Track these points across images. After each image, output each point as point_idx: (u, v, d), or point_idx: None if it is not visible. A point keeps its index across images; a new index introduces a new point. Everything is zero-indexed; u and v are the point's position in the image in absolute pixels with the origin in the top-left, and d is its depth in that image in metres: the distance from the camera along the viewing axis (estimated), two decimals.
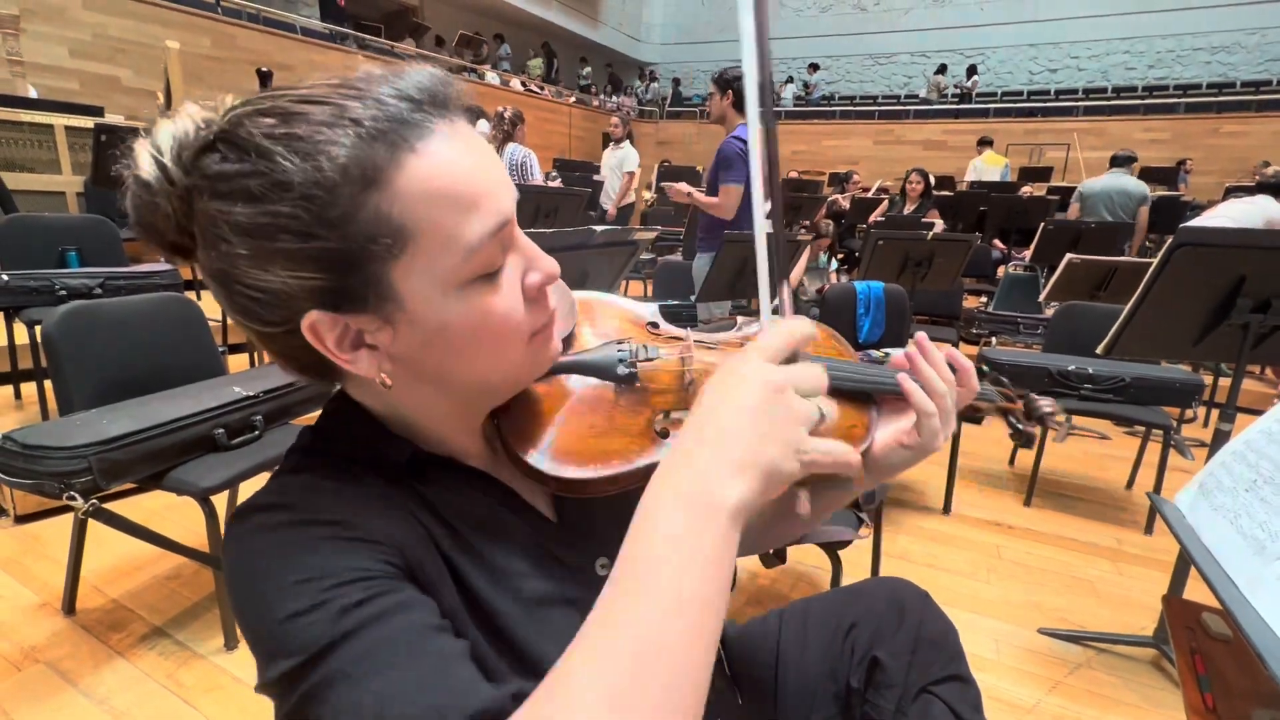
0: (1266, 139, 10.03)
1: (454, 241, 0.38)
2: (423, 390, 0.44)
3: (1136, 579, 1.93)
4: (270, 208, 0.36)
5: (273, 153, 0.35)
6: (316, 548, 0.37)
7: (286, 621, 0.35)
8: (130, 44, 6.52)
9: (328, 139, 0.36)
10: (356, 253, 0.37)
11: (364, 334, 0.40)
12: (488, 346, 0.41)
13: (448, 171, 0.38)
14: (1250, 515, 0.79)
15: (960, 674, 0.61)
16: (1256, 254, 1.32)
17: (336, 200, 0.36)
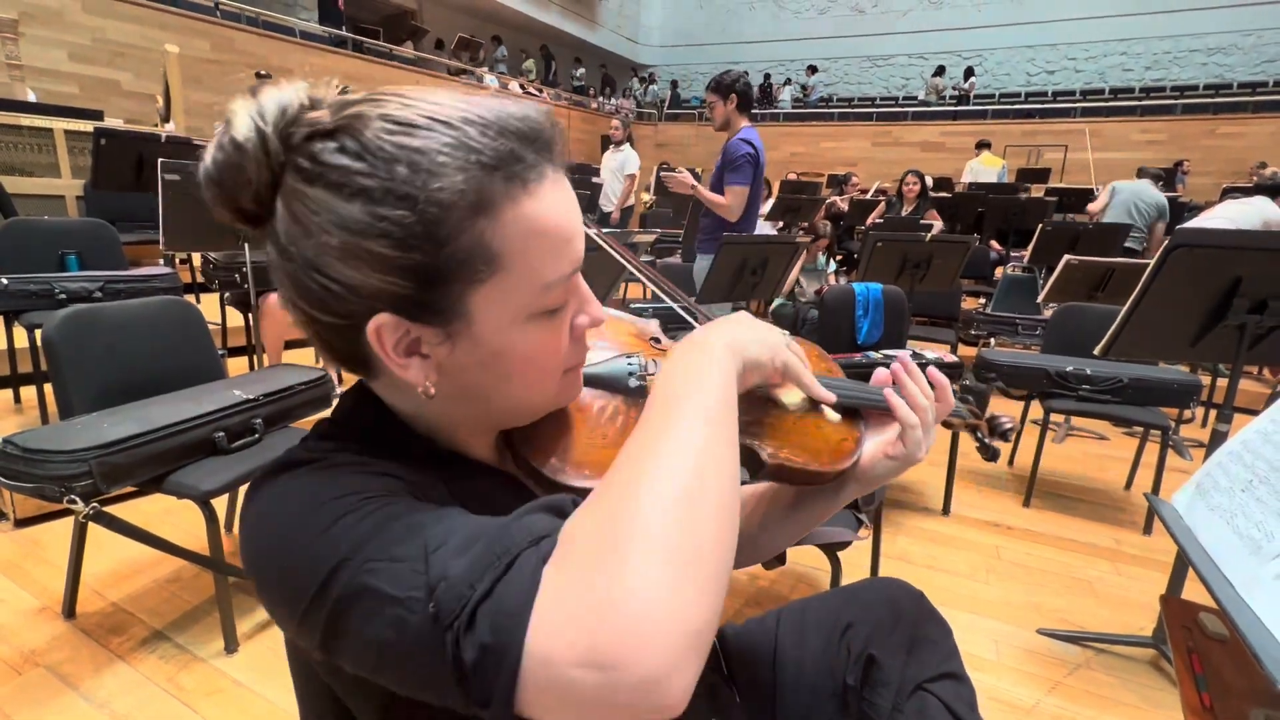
0: (1263, 140, 10.06)
1: (536, 277, 0.40)
2: (456, 404, 0.45)
3: (1135, 579, 1.93)
4: (380, 211, 0.36)
5: (397, 161, 0.36)
6: (348, 475, 0.39)
7: (328, 530, 0.35)
8: (129, 48, 6.53)
9: (450, 163, 0.37)
10: (448, 270, 0.38)
11: (422, 343, 0.41)
12: (532, 376, 0.44)
13: (550, 215, 0.40)
14: (1246, 515, 0.80)
15: (955, 672, 0.61)
16: (1252, 255, 1.32)
17: (446, 221, 0.37)
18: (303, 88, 0.39)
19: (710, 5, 17.01)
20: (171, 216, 2.04)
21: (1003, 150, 10.39)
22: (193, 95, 6.41)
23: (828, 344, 2.57)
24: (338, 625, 0.35)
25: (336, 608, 0.34)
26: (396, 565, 0.34)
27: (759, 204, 3.03)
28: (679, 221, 5.56)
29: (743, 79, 2.84)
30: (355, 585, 0.34)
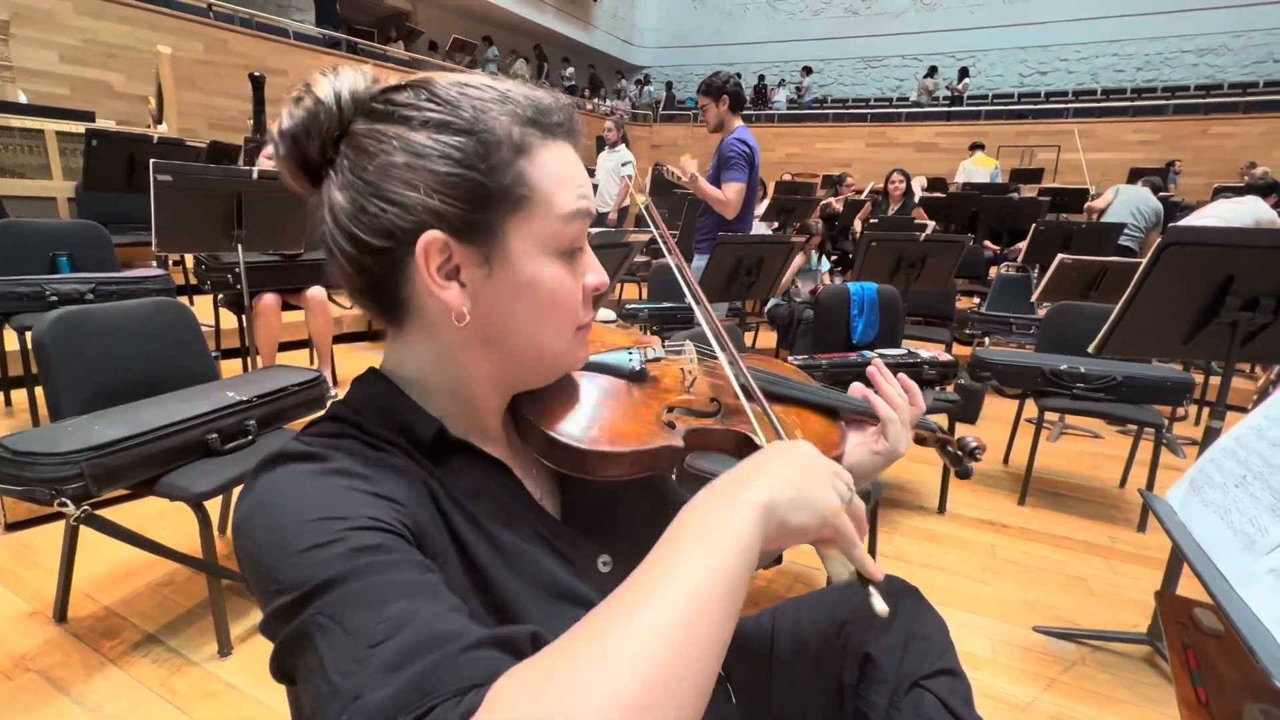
0: (1254, 140, 10.14)
1: (557, 209, 0.47)
2: (479, 348, 0.49)
3: (1130, 576, 1.94)
4: (443, 138, 0.44)
5: (459, 105, 0.45)
6: (339, 493, 0.40)
7: (304, 553, 0.37)
8: (121, 49, 6.50)
9: (499, 111, 0.45)
10: (493, 194, 0.45)
11: (461, 270, 0.46)
12: (552, 313, 0.48)
13: (566, 163, 0.48)
14: (1240, 511, 0.80)
15: (951, 668, 0.61)
16: (1244, 253, 1.33)
17: (495, 153, 0.44)
18: (372, 73, 0.47)
19: (704, 7, 17.04)
20: (164, 218, 2.03)
21: (996, 151, 10.45)
22: (186, 96, 6.39)
23: (823, 343, 2.58)
24: (287, 650, 0.37)
25: (292, 634, 0.36)
26: (344, 637, 0.34)
27: (755, 203, 3.04)
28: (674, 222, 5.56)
29: (733, 80, 2.85)
30: (307, 627, 0.35)
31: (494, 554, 0.46)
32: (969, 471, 0.73)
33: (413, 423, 0.48)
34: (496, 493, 0.50)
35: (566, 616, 0.42)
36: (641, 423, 0.54)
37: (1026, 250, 4.18)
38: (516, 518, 0.50)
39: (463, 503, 0.47)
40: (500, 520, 0.48)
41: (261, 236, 2.28)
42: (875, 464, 0.65)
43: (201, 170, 2.15)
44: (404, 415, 0.48)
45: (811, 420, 0.65)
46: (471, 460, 0.50)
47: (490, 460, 0.51)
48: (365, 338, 4.13)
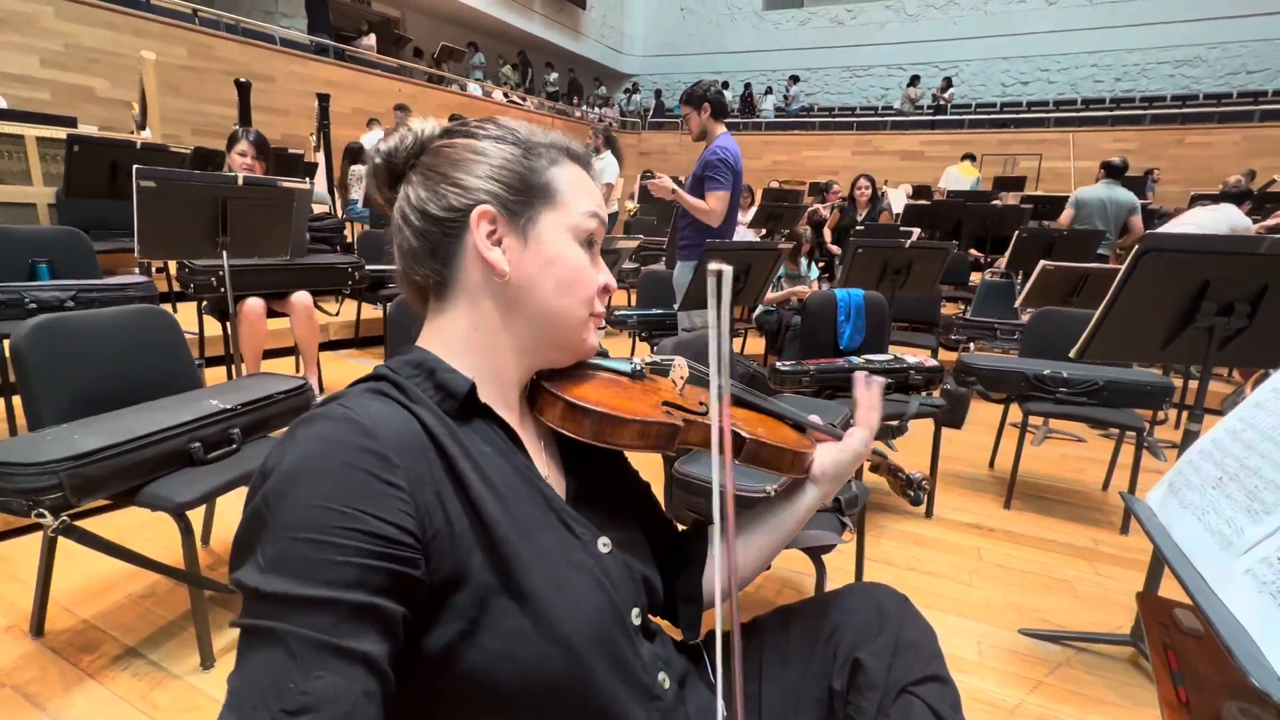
0: (1228, 149, 10.38)
1: (580, 206, 0.60)
2: (510, 314, 0.58)
3: (1113, 578, 1.97)
4: (501, 146, 0.59)
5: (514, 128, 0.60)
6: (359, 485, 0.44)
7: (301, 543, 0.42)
8: (104, 54, 6.43)
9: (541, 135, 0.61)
10: (533, 188, 0.58)
11: (503, 240, 0.57)
12: (569, 287, 0.58)
13: (586, 181, 0.62)
14: (1217, 512, 0.82)
15: (939, 674, 0.62)
16: (1219, 259, 1.36)
17: (537, 158, 0.59)
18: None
19: (693, 16, 17.19)
20: (147, 224, 2.00)
21: (980, 159, 10.60)
22: (170, 102, 6.33)
23: (810, 349, 2.60)
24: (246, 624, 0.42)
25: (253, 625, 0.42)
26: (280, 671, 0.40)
27: (738, 211, 3.05)
28: (663, 229, 5.58)
29: (714, 88, 2.86)
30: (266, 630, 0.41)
31: (504, 514, 0.51)
32: (919, 499, 0.82)
33: (448, 381, 0.55)
34: (511, 460, 0.56)
35: (572, 582, 0.52)
36: (646, 404, 0.62)
37: (1009, 257, 4.23)
38: (528, 486, 0.56)
39: (480, 464, 0.53)
40: (512, 486, 0.54)
41: (247, 243, 2.26)
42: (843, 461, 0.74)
43: (185, 176, 2.13)
44: (442, 375, 0.55)
45: (784, 429, 0.76)
46: (492, 426, 0.57)
47: (508, 429, 0.57)
48: (352, 345, 4.10)
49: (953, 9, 14.57)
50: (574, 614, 0.51)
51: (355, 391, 0.52)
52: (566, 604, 0.51)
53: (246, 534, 0.44)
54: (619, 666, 0.54)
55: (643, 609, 0.60)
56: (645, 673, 0.57)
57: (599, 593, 0.54)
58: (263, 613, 0.41)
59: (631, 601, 0.58)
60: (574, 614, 0.51)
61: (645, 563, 0.63)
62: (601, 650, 0.52)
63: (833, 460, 0.73)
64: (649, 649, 0.59)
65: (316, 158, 6.22)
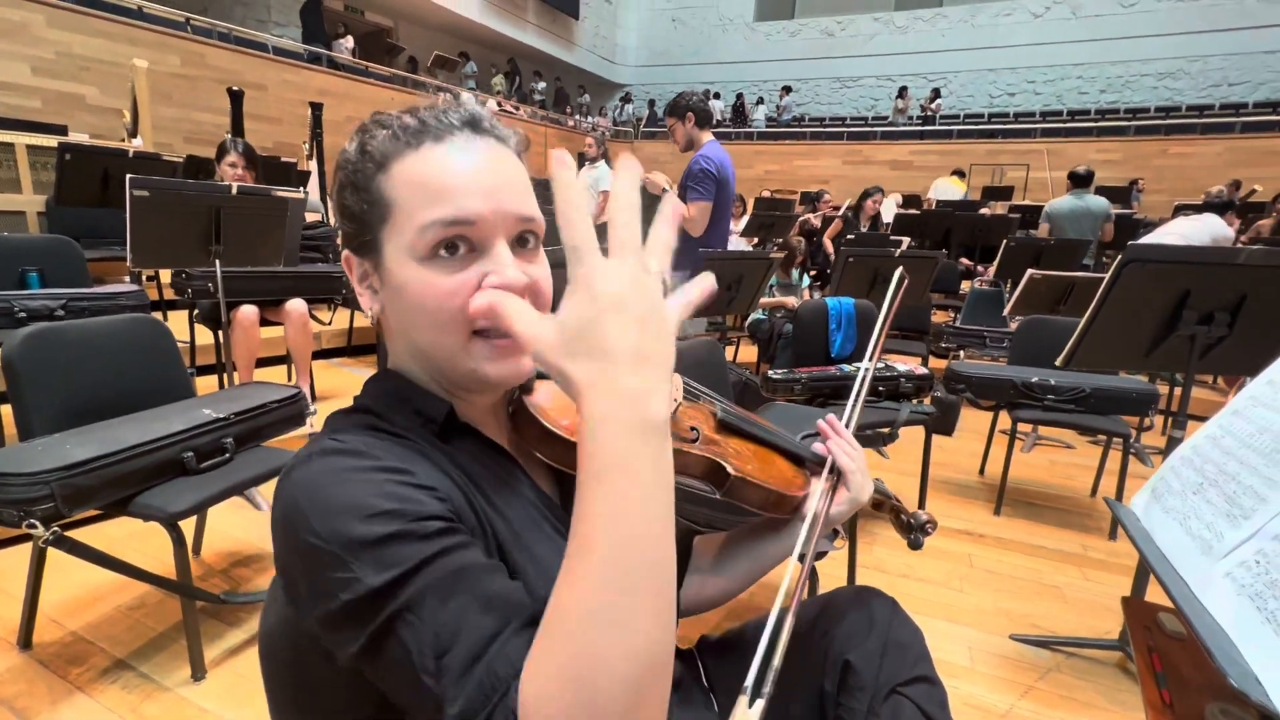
0: (1210, 159, 10.57)
1: (413, 219, 0.48)
2: (407, 345, 0.54)
3: (1102, 584, 1.99)
4: (343, 173, 0.53)
5: (351, 141, 0.53)
6: (391, 486, 0.43)
7: (377, 545, 0.40)
8: (95, 62, 6.41)
9: (380, 136, 0.51)
10: (366, 214, 0.51)
11: (369, 275, 0.53)
12: (428, 319, 0.50)
13: (430, 169, 0.49)
14: (1198, 517, 0.83)
15: (927, 675, 0.63)
16: (1199, 269, 1.39)
17: (364, 172, 0.51)
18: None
19: (685, 27, 17.35)
20: (140, 233, 2.00)
21: (968, 168, 10.74)
22: (162, 110, 6.32)
23: (802, 357, 2.62)
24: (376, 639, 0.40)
25: (380, 628, 0.40)
26: (424, 638, 0.39)
27: (727, 219, 3.07)
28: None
29: (696, 97, 2.88)
30: (394, 623, 0.39)
31: (507, 530, 0.50)
32: (919, 543, 0.79)
33: (425, 406, 0.53)
34: (502, 475, 0.54)
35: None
36: None
37: (998, 266, 4.29)
38: (521, 498, 0.54)
39: (477, 482, 0.51)
40: (507, 500, 0.53)
41: (240, 252, 2.26)
42: (843, 511, 0.71)
43: (179, 185, 2.13)
44: (418, 401, 0.53)
45: (778, 462, 0.71)
46: (478, 444, 0.54)
47: (494, 445, 0.56)
48: (345, 353, 4.09)
49: (940, 21, 14.79)
50: None
51: (344, 426, 0.51)
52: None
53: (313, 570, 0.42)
54: None
55: None
56: None
57: None
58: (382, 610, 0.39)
59: None
60: None
61: None
62: None
63: (834, 510, 0.71)
64: None
65: (309, 166, 6.22)
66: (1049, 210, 4.93)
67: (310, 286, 2.81)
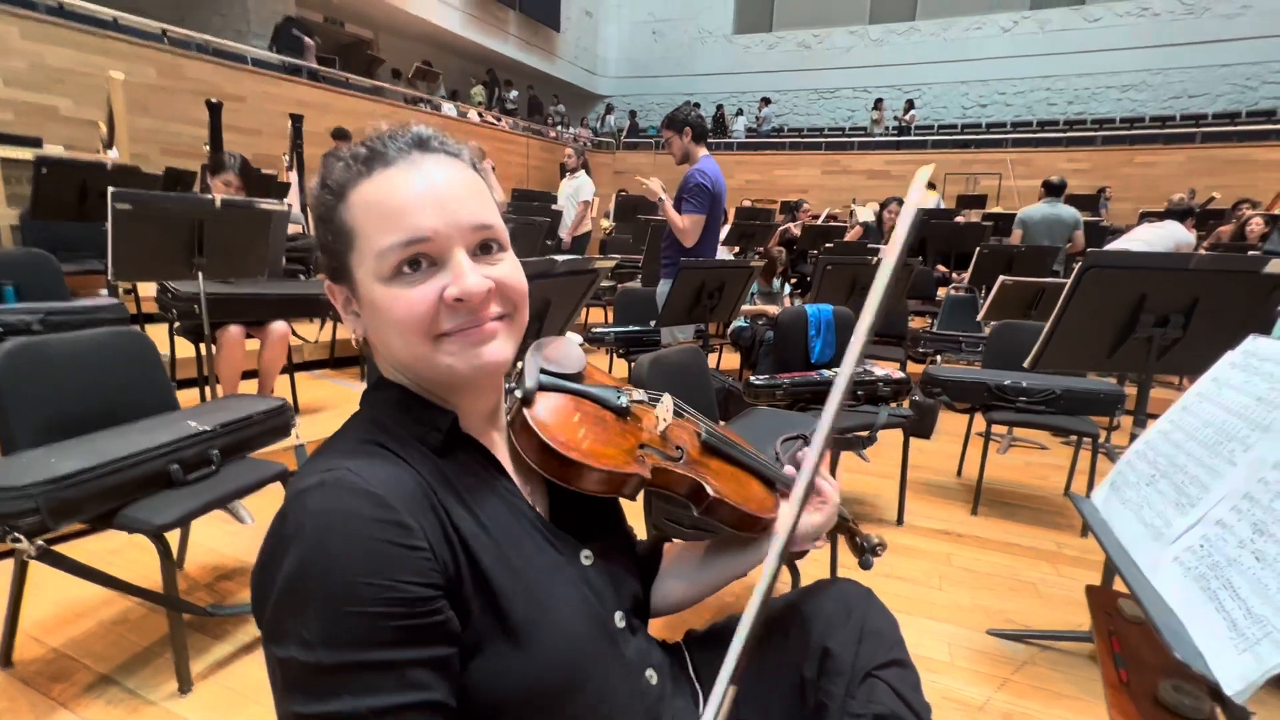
0: (1173, 169, 10.92)
1: (371, 245, 0.52)
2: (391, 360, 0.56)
3: (1075, 579, 2.05)
4: (312, 210, 0.56)
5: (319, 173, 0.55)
6: (385, 552, 0.45)
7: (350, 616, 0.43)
8: (70, 73, 6.33)
9: (332, 168, 0.54)
10: (334, 244, 0.54)
11: (350, 301, 0.56)
12: (397, 330, 0.53)
13: (381, 193, 0.52)
14: (1150, 506, 0.89)
15: (900, 659, 0.67)
16: (1153, 275, 1.47)
17: (325, 206, 0.54)
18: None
19: (664, 40, 17.55)
20: (121, 246, 1.99)
21: (943, 178, 10.98)
22: (138, 122, 6.24)
23: (783, 363, 2.67)
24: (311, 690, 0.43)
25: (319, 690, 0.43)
26: None
27: (718, 232, 3.14)
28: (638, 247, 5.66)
29: (694, 112, 2.97)
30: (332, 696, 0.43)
31: (497, 553, 0.53)
32: (869, 564, 0.85)
33: (430, 417, 0.56)
34: (496, 487, 0.58)
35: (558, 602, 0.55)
36: (619, 450, 0.62)
37: (972, 272, 4.40)
38: (513, 510, 0.58)
39: (470, 504, 0.54)
40: (498, 511, 0.56)
41: (223, 264, 2.26)
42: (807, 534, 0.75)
43: (162, 199, 2.13)
44: (419, 411, 0.56)
45: (753, 485, 0.76)
46: (474, 457, 0.58)
47: (491, 458, 0.59)
48: (327, 365, 4.06)
49: (914, 35, 15.15)
50: (563, 635, 0.55)
51: (350, 445, 0.53)
52: (554, 627, 0.55)
53: (282, 608, 0.45)
54: (608, 670, 0.58)
55: (626, 612, 0.64)
56: (632, 671, 0.61)
57: (583, 606, 0.59)
58: (328, 689, 0.42)
59: (614, 606, 0.62)
60: (563, 635, 0.55)
61: (625, 567, 0.67)
62: (590, 659, 0.57)
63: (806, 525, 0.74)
64: (634, 647, 0.63)
65: (290, 178, 6.19)
66: (1022, 216, 5.07)
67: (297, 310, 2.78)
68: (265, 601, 0.46)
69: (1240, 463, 0.78)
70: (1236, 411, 0.84)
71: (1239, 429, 0.82)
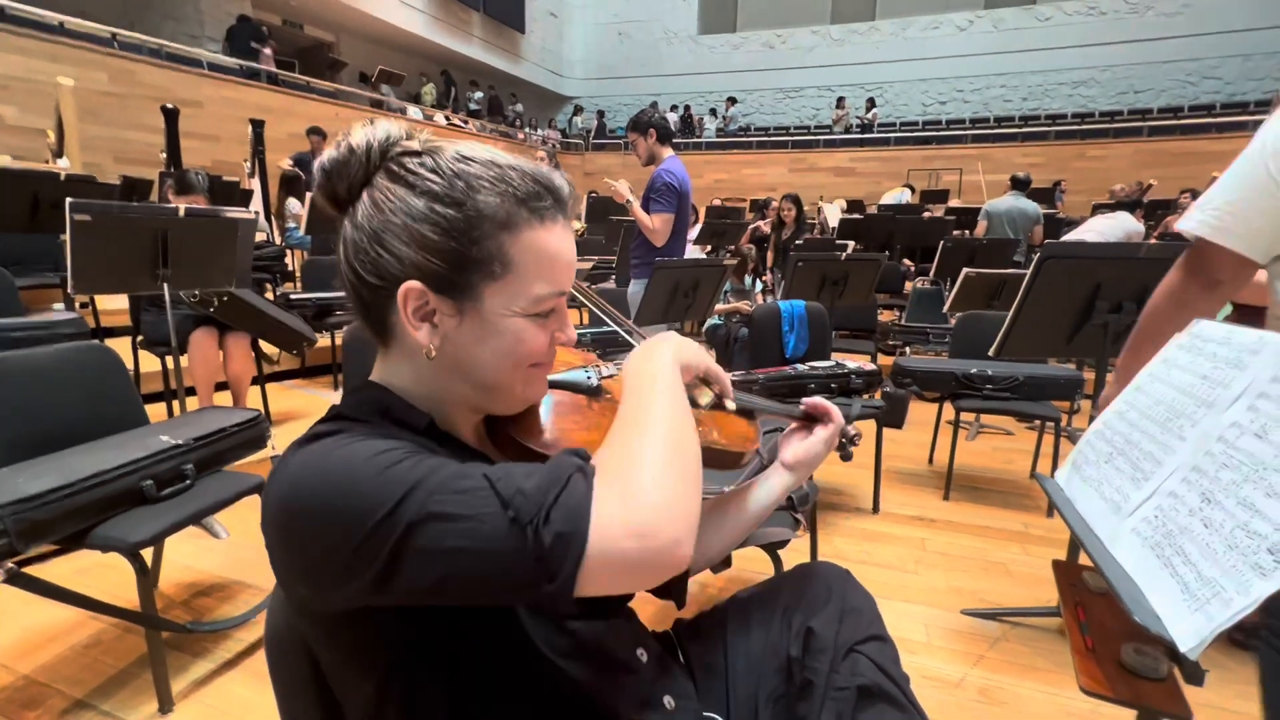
0: (1122, 162, 11.38)
1: (532, 288, 0.54)
2: (447, 376, 0.57)
3: (1042, 557, 2.14)
4: (437, 208, 0.52)
5: (458, 178, 0.52)
6: (379, 449, 0.47)
7: (381, 474, 0.45)
8: (15, 80, 6.08)
9: (492, 188, 0.52)
10: (473, 262, 0.52)
11: (436, 313, 0.54)
12: (510, 359, 0.56)
13: (553, 248, 0.55)
14: (1109, 482, 0.94)
15: (879, 634, 0.70)
16: (1108, 264, 1.55)
17: (479, 226, 0.52)
18: (405, 126, 0.55)
19: (630, 40, 17.60)
20: (81, 258, 1.93)
21: (906, 174, 11.25)
22: (89, 129, 6.03)
23: (758, 359, 2.72)
24: (405, 546, 0.43)
25: (407, 532, 0.43)
26: (463, 495, 0.44)
27: (686, 230, 3.17)
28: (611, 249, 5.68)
29: (657, 114, 3.01)
30: (424, 512, 0.43)
31: None
32: (849, 455, 0.88)
33: (405, 417, 0.56)
34: None
35: None
36: (600, 431, 0.61)
37: (936, 265, 4.52)
38: None
39: None
40: None
41: (189, 275, 2.21)
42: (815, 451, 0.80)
43: (123, 209, 2.07)
44: (397, 412, 0.56)
45: (734, 421, 0.78)
46: (458, 452, 0.57)
47: (474, 453, 0.59)
48: (298, 375, 3.99)
49: (874, 34, 15.48)
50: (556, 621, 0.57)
51: (325, 430, 0.52)
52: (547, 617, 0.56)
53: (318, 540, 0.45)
54: (600, 653, 0.60)
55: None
56: (624, 651, 0.63)
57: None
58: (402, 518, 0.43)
59: None
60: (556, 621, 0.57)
61: None
62: (584, 642, 0.58)
63: (805, 448, 0.79)
64: (628, 630, 0.65)
65: (251, 184, 6.05)
66: (988, 209, 5.24)
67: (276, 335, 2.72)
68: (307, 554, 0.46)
69: (1189, 437, 0.84)
70: (1184, 390, 0.90)
71: (1187, 406, 0.87)
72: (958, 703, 1.47)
